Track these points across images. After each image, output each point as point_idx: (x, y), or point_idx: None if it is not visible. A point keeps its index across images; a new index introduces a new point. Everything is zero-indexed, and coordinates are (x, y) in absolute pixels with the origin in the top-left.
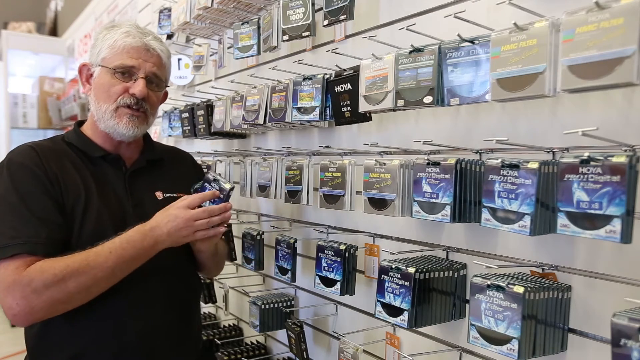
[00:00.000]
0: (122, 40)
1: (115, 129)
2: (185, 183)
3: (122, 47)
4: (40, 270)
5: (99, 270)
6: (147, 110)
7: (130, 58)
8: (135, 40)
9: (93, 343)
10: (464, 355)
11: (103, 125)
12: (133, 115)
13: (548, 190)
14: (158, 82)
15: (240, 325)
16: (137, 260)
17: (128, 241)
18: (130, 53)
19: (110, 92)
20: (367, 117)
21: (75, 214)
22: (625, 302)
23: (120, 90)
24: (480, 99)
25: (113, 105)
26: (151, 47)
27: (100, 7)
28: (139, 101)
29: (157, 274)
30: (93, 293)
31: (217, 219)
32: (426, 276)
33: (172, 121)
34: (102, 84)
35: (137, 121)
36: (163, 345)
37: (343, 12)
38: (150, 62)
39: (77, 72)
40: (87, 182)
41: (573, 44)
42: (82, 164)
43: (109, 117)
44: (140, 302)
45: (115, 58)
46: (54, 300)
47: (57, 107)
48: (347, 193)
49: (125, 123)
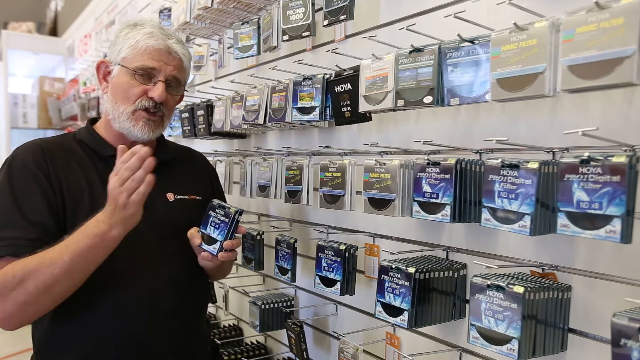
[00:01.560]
0: (144, 41)
1: (130, 131)
2: (197, 184)
3: (143, 48)
4: (3, 273)
5: (56, 267)
6: (165, 114)
7: (152, 60)
8: (158, 42)
9: (99, 345)
10: (464, 355)
11: (118, 125)
12: (149, 120)
13: (548, 190)
14: (177, 85)
15: (240, 325)
16: (94, 249)
17: (83, 231)
18: (152, 55)
19: (128, 94)
20: (367, 117)
21: (79, 215)
22: (625, 302)
23: (139, 92)
24: (480, 99)
25: (131, 108)
26: (173, 50)
27: (100, 7)
28: (157, 105)
29: (164, 274)
30: (58, 293)
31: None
32: (426, 276)
33: (172, 121)
34: (120, 84)
35: (153, 125)
36: (171, 345)
37: (343, 12)
38: (171, 66)
39: (95, 68)
40: (94, 182)
41: (573, 44)
42: (91, 162)
43: (125, 119)
44: (147, 302)
45: (136, 59)
46: (19, 303)
47: (57, 107)
48: (347, 193)
49: (141, 127)
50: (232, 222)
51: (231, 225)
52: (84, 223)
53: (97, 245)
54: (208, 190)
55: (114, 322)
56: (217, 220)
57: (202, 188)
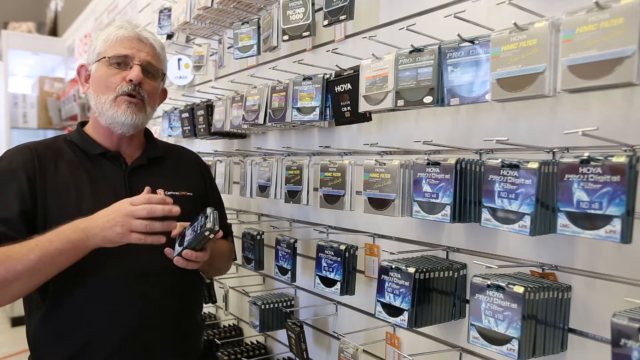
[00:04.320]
0: (114, 33)
1: (114, 119)
2: (188, 181)
3: (115, 39)
4: None
5: (19, 263)
6: (145, 98)
7: (124, 48)
8: (127, 31)
9: (90, 340)
10: (464, 355)
11: (103, 118)
12: (131, 103)
13: (548, 190)
14: (154, 71)
15: (240, 325)
16: (64, 255)
17: (58, 233)
18: (124, 43)
19: (108, 82)
20: (367, 117)
21: (65, 215)
22: (625, 302)
23: (119, 79)
24: (480, 99)
25: (112, 95)
26: (143, 37)
27: (100, 7)
28: (136, 87)
29: (153, 268)
30: (13, 290)
31: (158, 225)
32: (426, 276)
33: (172, 121)
34: (99, 76)
35: (135, 108)
36: (162, 339)
37: (343, 12)
38: (144, 52)
39: (76, 74)
40: (82, 182)
41: (573, 44)
42: (79, 162)
43: (108, 107)
44: (136, 297)
45: (110, 50)
46: None
47: (57, 107)
48: (347, 193)
49: (124, 110)
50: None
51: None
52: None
53: (67, 250)
54: (200, 187)
55: (103, 316)
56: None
57: (194, 184)
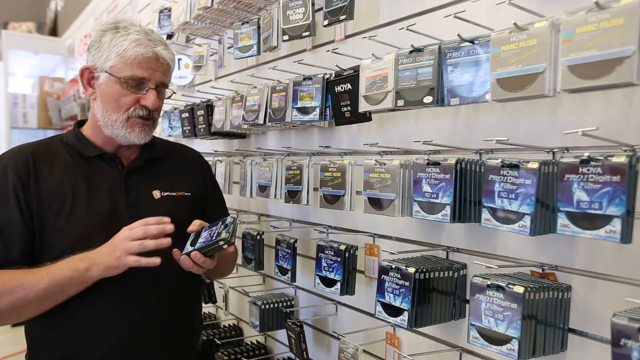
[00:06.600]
0: (132, 50)
1: (126, 138)
2: (187, 181)
3: (132, 57)
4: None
5: (30, 292)
6: (156, 117)
7: (142, 69)
8: (146, 50)
9: (85, 342)
10: (464, 355)
11: (110, 132)
12: (144, 125)
13: (548, 190)
14: (164, 88)
15: (240, 325)
16: (71, 283)
17: (67, 262)
18: (142, 64)
19: (120, 103)
20: (367, 117)
21: (61, 218)
22: (625, 302)
23: (132, 101)
24: (480, 99)
25: (124, 116)
26: (161, 57)
27: (100, 7)
28: (151, 112)
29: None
30: (26, 313)
31: (151, 244)
32: (426, 276)
33: (172, 121)
34: (111, 93)
35: (148, 129)
36: (157, 342)
37: (343, 12)
38: (160, 72)
39: (79, 74)
40: (77, 184)
41: (573, 44)
42: (75, 164)
43: (119, 127)
44: (133, 298)
45: (126, 68)
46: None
47: (57, 107)
48: (347, 193)
49: (138, 133)
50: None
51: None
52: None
53: (74, 279)
54: (200, 186)
55: (99, 318)
56: (214, 233)
57: (193, 184)
